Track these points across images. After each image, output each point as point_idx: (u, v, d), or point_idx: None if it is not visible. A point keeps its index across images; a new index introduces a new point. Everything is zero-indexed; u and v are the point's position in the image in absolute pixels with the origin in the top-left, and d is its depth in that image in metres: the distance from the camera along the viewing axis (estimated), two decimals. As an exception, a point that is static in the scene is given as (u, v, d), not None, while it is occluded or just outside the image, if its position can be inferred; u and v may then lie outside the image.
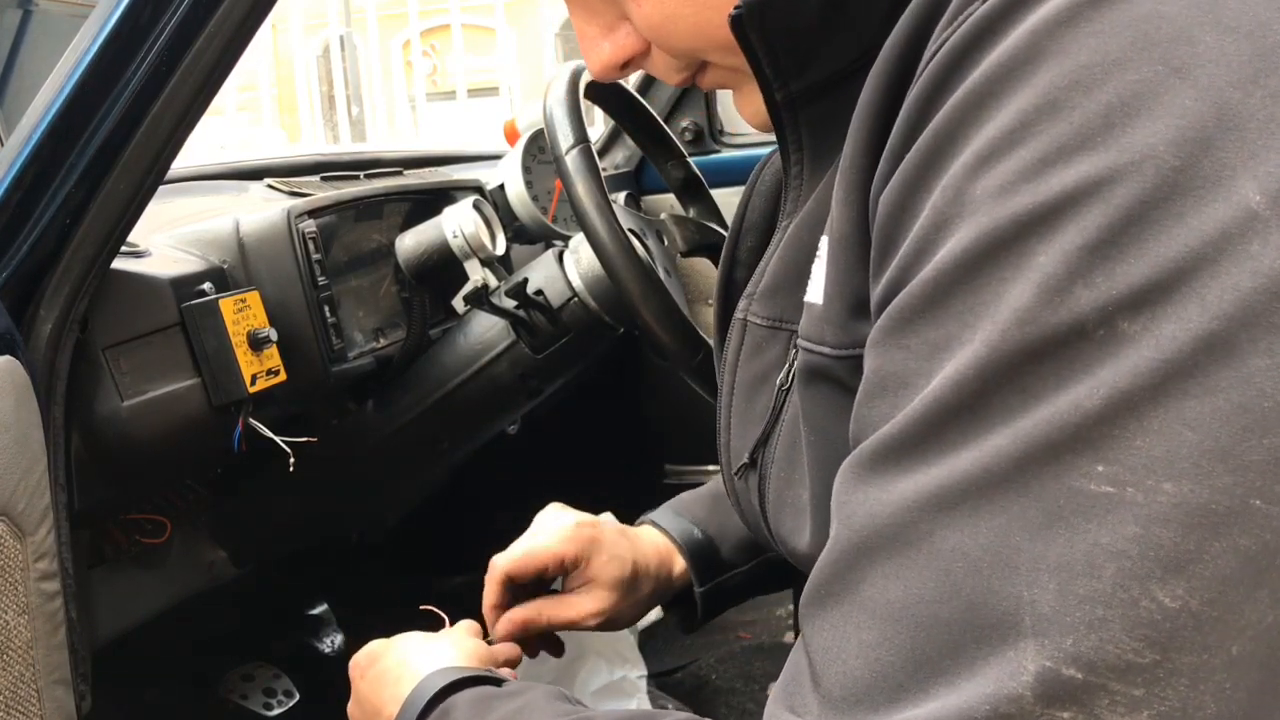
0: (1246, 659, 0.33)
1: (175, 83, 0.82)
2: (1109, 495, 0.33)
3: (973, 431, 0.36)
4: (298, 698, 1.52)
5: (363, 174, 1.44)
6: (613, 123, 1.81)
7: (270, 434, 1.05)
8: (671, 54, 0.57)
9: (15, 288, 0.85)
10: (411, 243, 1.27)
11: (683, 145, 1.29)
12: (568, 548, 0.86)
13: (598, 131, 1.91)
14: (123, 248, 0.92)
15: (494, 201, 1.41)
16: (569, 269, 1.23)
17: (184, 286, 1.02)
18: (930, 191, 0.39)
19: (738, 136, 1.89)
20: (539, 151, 1.49)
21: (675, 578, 0.92)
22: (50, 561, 0.85)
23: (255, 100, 9.24)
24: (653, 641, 1.58)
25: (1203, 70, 0.35)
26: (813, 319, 0.52)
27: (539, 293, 1.22)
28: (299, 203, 1.18)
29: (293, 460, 1.07)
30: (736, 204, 0.70)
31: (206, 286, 1.04)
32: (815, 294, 0.52)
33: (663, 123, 1.26)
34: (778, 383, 0.59)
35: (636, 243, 1.07)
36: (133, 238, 0.96)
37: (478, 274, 1.25)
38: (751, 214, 0.69)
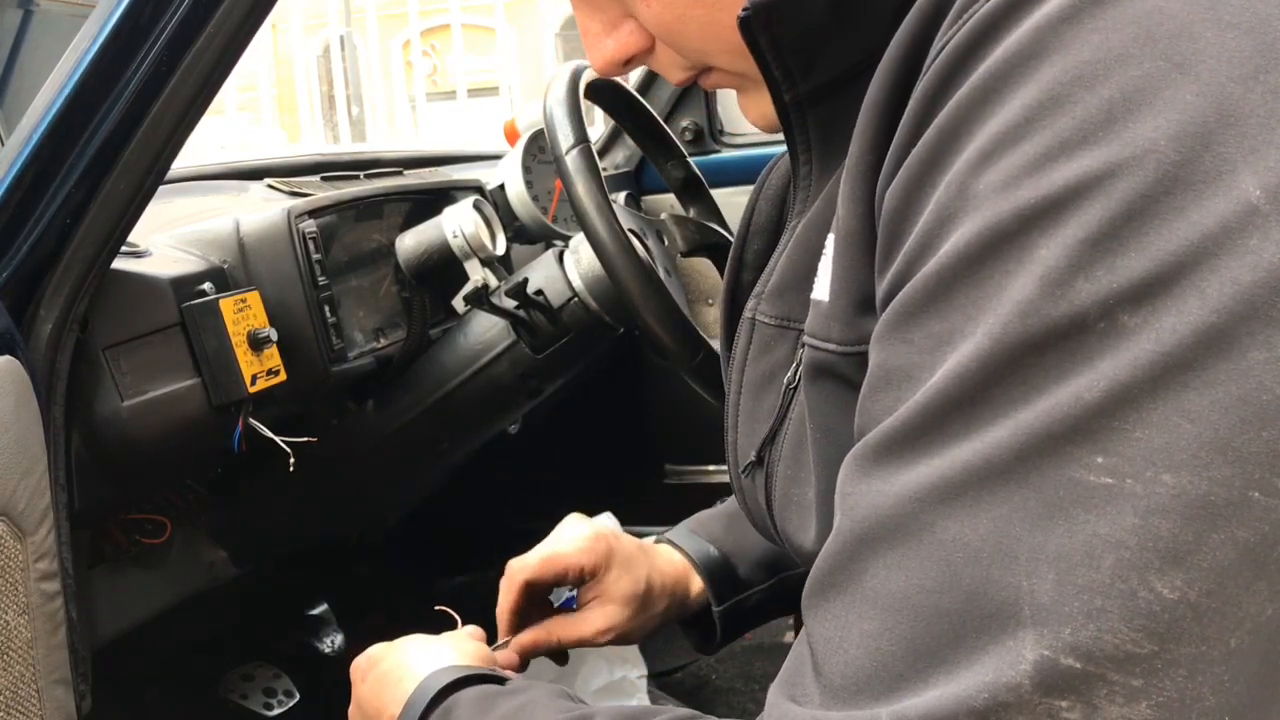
0: (1245, 651, 0.34)
1: (175, 83, 0.82)
2: (1108, 486, 0.34)
3: (974, 423, 0.36)
4: (298, 698, 1.52)
5: (363, 174, 1.44)
6: (613, 123, 1.82)
7: (270, 434, 1.05)
8: (680, 53, 0.57)
9: (15, 288, 0.85)
10: (411, 243, 1.27)
11: (683, 145, 1.29)
12: (585, 558, 0.86)
13: (598, 131, 1.91)
14: (123, 248, 0.92)
15: (494, 201, 1.41)
16: (569, 269, 1.23)
17: (184, 286, 1.02)
18: (935, 187, 0.39)
19: (738, 136, 1.89)
20: (539, 151, 1.49)
21: (692, 597, 0.91)
22: (50, 561, 0.85)
23: (255, 100, 9.23)
24: (653, 642, 1.58)
25: (1204, 66, 0.35)
26: (819, 316, 0.52)
27: (539, 293, 1.22)
28: (299, 203, 1.18)
29: (293, 460, 1.07)
30: (736, 204, 0.70)
31: (207, 286, 1.04)
32: (821, 291, 0.52)
33: (663, 123, 1.26)
34: (785, 381, 0.59)
35: (636, 243, 1.07)
36: (133, 238, 0.96)
37: (478, 274, 1.25)
38: (758, 217, 0.69)
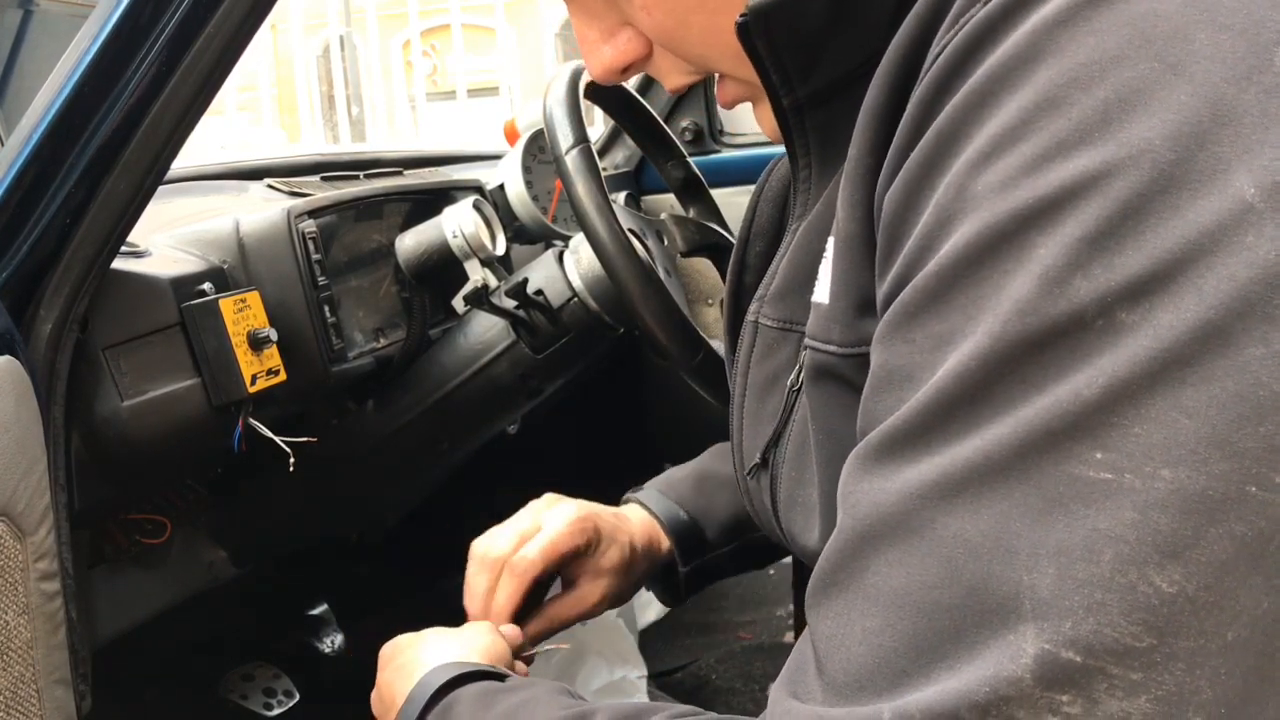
0: (1242, 645, 0.34)
1: (175, 83, 0.82)
2: (1107, 482, 0.34)
3: (975, 421, 0.36)
4: (298, 698, 1.52)
5: (363, 174, 1.44)
6: (613, 123, 1.81)
7: (270, 434, 1.05)
8: (683, 59, 0.57)
9: (15, 288, 0.85)
10: (411, 243, 1.26)
11: (683, 145, 1.29)
12: (580, 539, 0.88)
13: (598, 131, 1.91)
14: (123, 248, 0.91)
15: (494, 201, 1.40)
16: (569, 269, 1.23)
17: (184, 286, 1.02)
18: (934, 189, 0.40)
19: (738, 136, 1.90)
20: (539, 151, 1.49)
21: (662, 555, 0.95)
22: (50, 561, 0.85)
23: (255, 100, 9.23)
24: (653, 642, 1.58)
25: (1198, 67, 0.35)
26: (820, 318, 0.52)
27: (539, 293, 1.22)
28: (299, 203, 1.18)
29: (293, 460, 1.07)
30: (736, 204, 0.71)
31: (206, 286, 1.04)
32: (822, 294, 0.52)
33: (663, 123, 1.26)
34: (788, 384, 0.59)
35: (636, 243, 1.07)
36: (133, 238, 0.96)
37: (478, 274, 1.25)
38: (760, 219, 0.70)
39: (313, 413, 1.27)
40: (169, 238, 1.09)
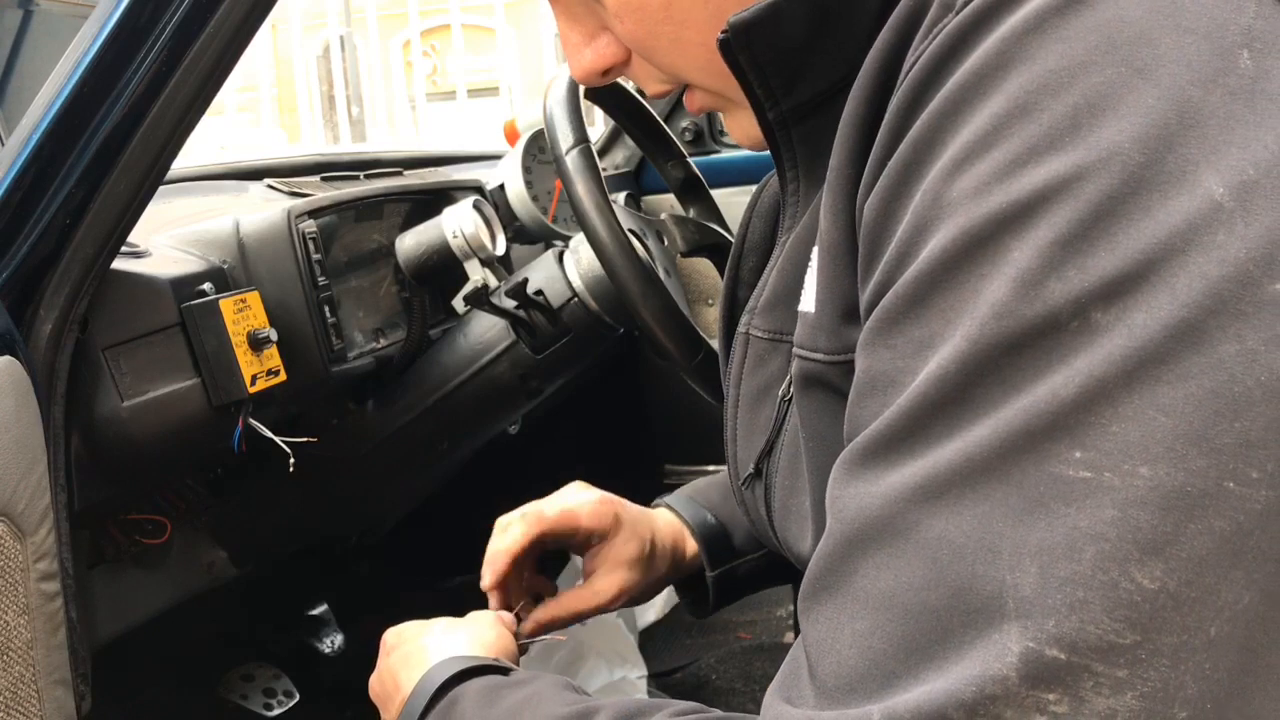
0: (1225, 640, 0.34)
1: (175, 83, 0.82)
2: (1086, 480, 0.35)
3: (956, 423, 0.37)
4: (298, 698, 1.52)
5: (363, 174, 1.44)
6: (613, 123, 1.81)
7: (270, 434, 1.05)
8: (656, 67, 0.58)
9: (15, 288, 0.85)
10: (411, 243, 1.26)
11: (683, 145, 1.29)
12: (595, 521, 0.88)
13: (598, 131, 1.91)
14: (123, 248, 0.91)
15: (494, 201, 1.40)
16: (569, 269, 1.23)
17: (184, 286, 1.02)
18: (911, 197, 0.40)
19: (738, 136, 1.89)
20: (539, 151, 1.49)
21: (687, 560, 0.93)
22: (50, 562, 0.85)
23: (255, 100, 9.23)
24: (653, 642, 1.58)
25: (1164, 70, 0.36)
26: (806, 326, 0.53)
27: (539, 293, 1.22)
28: (299, 203, 1.18)
29: (292, 460, 1.07)
30: (736, 204, 0.71)
31: (207, 286, 1.04)
32: (808, 303, 0.53)
33: (663, 123, 1.26)
34: (779, 394, 0.60)
35: (636, 243, 1.07)
36: (133, 238, 0.96)
37: (478, 274, 1.25)
38: (752, 235, 0.70)
39: (312, 413, 1.27)
40: (169, 238, 1.09)
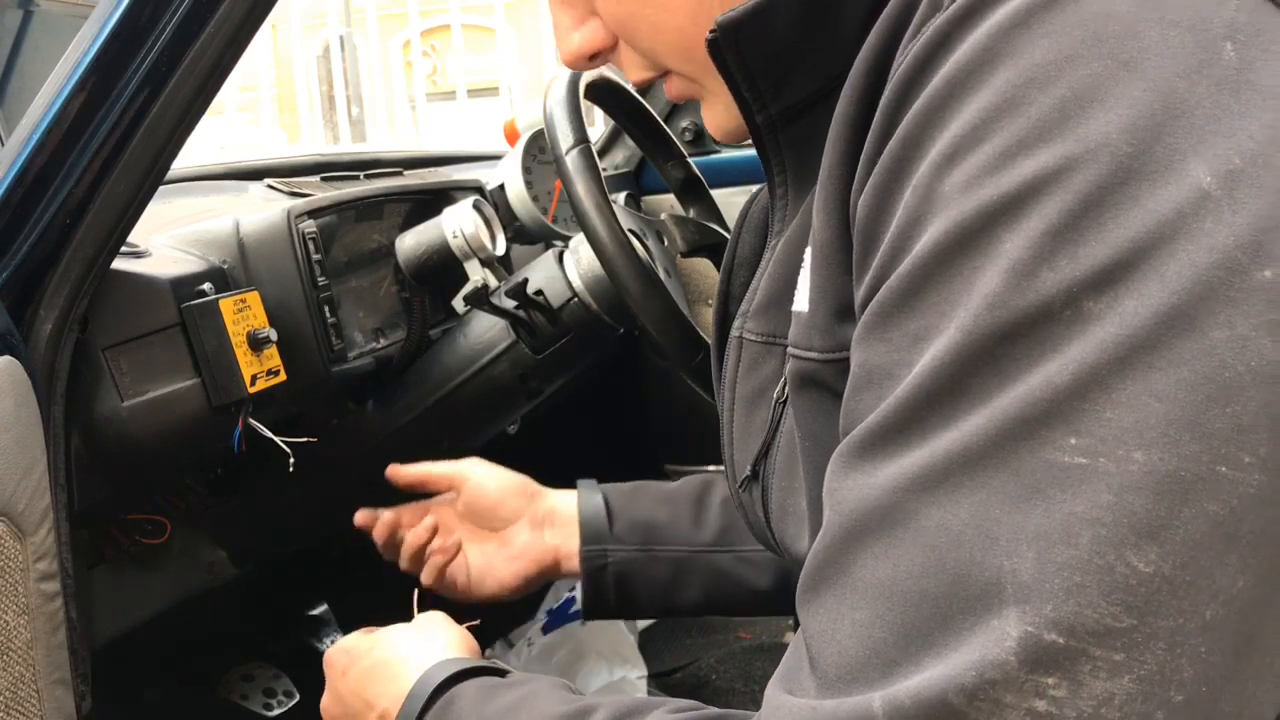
0: (1220, 624, 0.35)
1: (175, 83, 0.82)
2: (1082, 466, 0.35)
3: (952, 413, 0.38)
4: (298, 698, 1.52)
5: (363, 174, 1.44)
6: (613, 123, 1.81)
7: (270, 434, 1.05)
8: (636, 50, 0.59)
9: (15, 288, 0.85)
10: (411, 243, 1.26)
11: (683, 145, 1.29)
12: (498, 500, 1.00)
13: (598, 131, 1.90)
14: (123, 248, 0.91)
15: (494, 201, 1.40)
16: (569, 269, 1.23)
17: (184, 286, 1.02)
18: (903, 193, 0.41)
19: (738, 136, 1.89)
20: (539, 151, 1.49)
21: (568, 534, 1.00)
22: (50, 562, 0.85)
23: (255, 100, 9.23)
24: (653, 642, 1.58)
25: (1150, 63, 0.37)
26: (800, 326, 0.53)
27: (539, 293, 1.22)
28: (299, 203, 1.18)
29: (292, 460, 1.07)
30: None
31: (206, 286, 1.04)
32: (802, 302, 0.53)
33: (663, 123, 1.26)
34: (774, 396, 0.60)
35: (636, 243, 1.07)
36: (133, 238, 0.96)
37: (478, 274, 1.25)
38: (742, 249, 0.71)
39: (313, 413, 1.27)
40: (169, 238, 1.09)
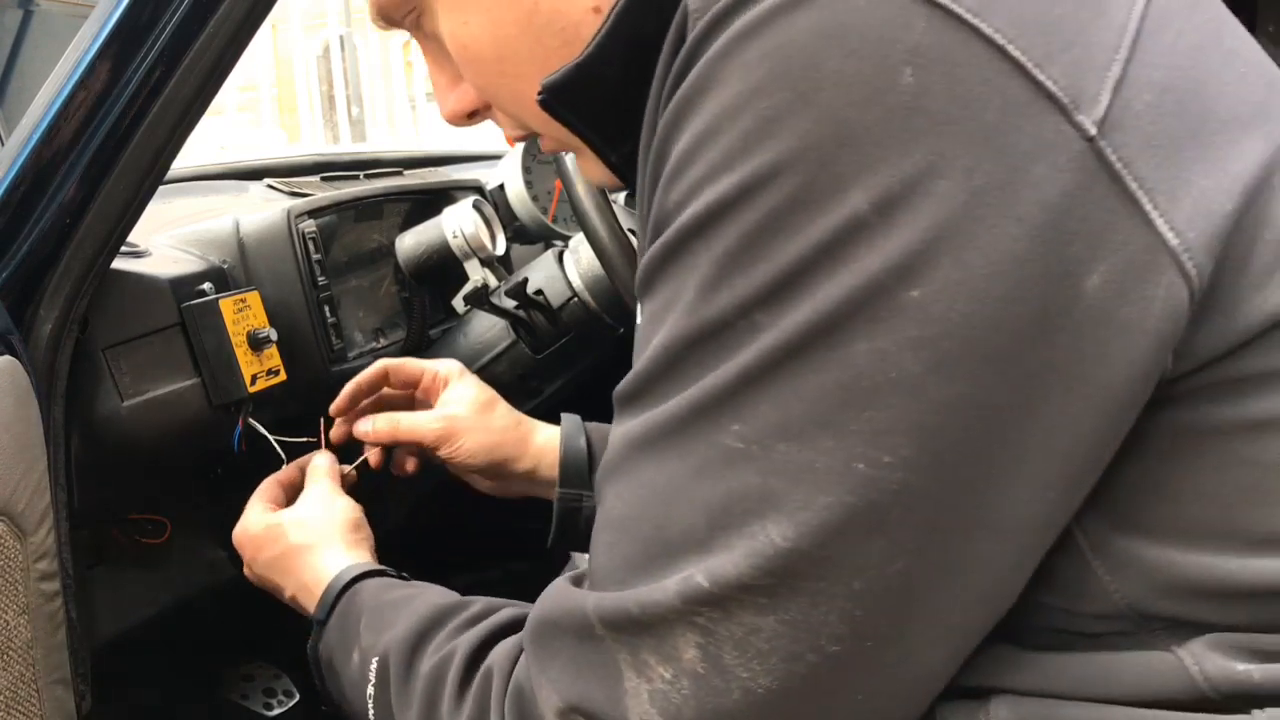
0: (875, 594, 0.42)
1: (175, 83, 0.82)
2: (739, 450, 0.43)
3: (663, 391, 0.46)
4: (298, 698, 1.52)
5: (363, 174, 1.44)
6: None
7: (270, 434, 1.05)
8: (505, 115, 0.62)
9: (15, 288, 0.85)
10: (411, 243, 1.26)
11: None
12: (441, 367, 0.97)
13: (598, 131, 1.90)
14: (123, 248, 0.91)
15: (494, 201, 1.40)
16: (569, 269, 1.23)
17: (184, 286, 1.02)
18: (653, 205, 0.48)
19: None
20: (539, 151, 1.49)
21: (547, 457, 1.00)
22: (50, 561, 0.85)
23: (255, 100, 9.23)
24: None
25: (824, 95, 0.40)
26: None
27: (539, 293, 1.22)
28: (299, 203, 1.18)
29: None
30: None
31: (206, 286, 1.04)
32: None
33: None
34: None
35: (636, 243, 1.07)
36: (133, 238, 0.96)
37: (478, 274, 1.25)
38: None
39: (312, 413, 1.27)
40: (169, 238, 1.09)
